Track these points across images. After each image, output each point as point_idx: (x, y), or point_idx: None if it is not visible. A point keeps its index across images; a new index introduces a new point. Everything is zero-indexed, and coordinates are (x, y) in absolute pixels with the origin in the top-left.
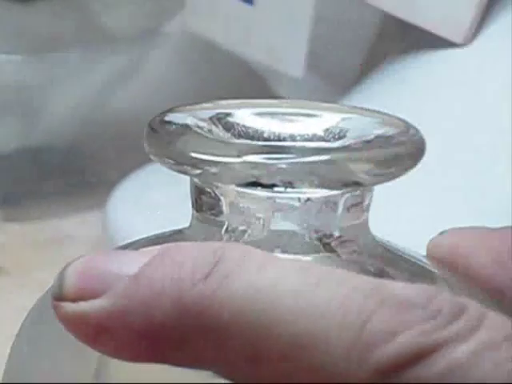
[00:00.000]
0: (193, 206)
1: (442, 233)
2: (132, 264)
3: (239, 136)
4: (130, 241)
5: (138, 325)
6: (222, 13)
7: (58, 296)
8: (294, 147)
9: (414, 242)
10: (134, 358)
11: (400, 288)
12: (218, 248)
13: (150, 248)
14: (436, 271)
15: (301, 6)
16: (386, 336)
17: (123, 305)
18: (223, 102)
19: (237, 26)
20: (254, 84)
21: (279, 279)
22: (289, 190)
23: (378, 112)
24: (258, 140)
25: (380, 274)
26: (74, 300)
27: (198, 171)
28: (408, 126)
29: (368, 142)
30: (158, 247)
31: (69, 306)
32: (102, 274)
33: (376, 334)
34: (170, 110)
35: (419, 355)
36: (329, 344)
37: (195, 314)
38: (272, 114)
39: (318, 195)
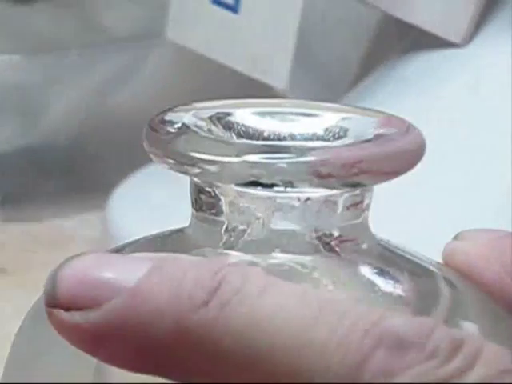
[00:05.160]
0: (193, 205)
1: (456, 236)
2: (129, 275)
3: (239, 135)
4: (129, 241)
5: (136, 342)
6: (206, 21)
7: (51, 302)
8: (293, 147)
9: (415, 242)
10: (130, 369)
11: (399, 324)
12: (218, 270)
13: (146, 254)
14: (436, 271)
15: (287, 16)
16: (384, 377)
17: (121, 321)
18: (223, 102)
19: (221, 35)
20: (254, 84)
21: (279, 310)
22: (288, 189)
23: (378, 112)
24: (258, 139)
25: (380, 273)
26: (68, 308)
27: (198, 171)
28: (408, 126)
29: (368, 141)
30: (155, 255)
31: (62, 315)
32: (96, 283)
33: (374, 374)
34: (170, 110)
35: None
36: (327, 382)
37: (195, 338)
38: (272, 114)
39: (317, 195)
